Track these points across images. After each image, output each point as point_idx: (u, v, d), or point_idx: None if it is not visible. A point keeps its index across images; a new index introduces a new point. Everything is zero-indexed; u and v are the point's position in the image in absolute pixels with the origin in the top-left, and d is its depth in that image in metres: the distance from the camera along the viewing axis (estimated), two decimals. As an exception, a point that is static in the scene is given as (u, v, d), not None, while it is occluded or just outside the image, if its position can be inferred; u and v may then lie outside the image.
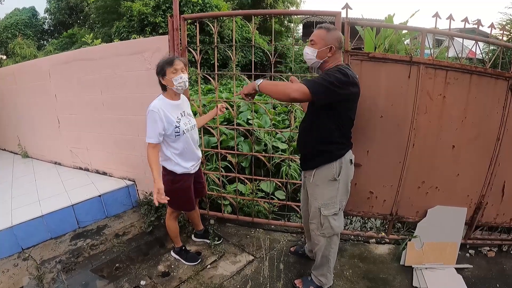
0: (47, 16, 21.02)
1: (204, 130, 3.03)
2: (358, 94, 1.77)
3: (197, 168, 2.31)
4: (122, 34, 11.57)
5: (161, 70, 2.01)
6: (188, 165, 2.19)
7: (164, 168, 2.19)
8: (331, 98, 1.64)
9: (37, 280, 2.28)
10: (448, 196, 2.36)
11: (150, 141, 2.01)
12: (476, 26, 2.22)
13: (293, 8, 18.57)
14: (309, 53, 1.80)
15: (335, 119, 1.77)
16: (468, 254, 2.53)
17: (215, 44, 2.54)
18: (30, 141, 4.66)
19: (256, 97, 1.99)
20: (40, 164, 4.37)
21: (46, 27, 20.98)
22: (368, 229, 2.90)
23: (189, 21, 2.64)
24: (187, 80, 2.07)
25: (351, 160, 1.89)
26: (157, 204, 2.02)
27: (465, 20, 2.21)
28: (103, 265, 2.47)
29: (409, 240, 2.40)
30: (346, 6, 2.13)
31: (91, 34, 4.77)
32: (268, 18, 2.38)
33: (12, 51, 13.39)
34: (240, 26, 14.08)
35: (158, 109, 1.98)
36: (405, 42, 6.63)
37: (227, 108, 2.63)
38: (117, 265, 2.46)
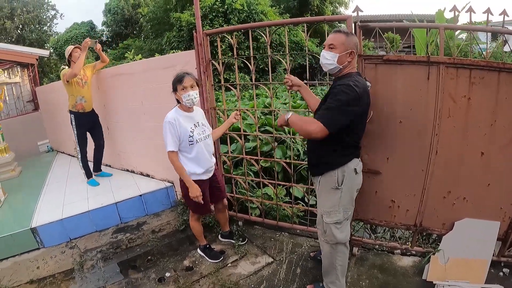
0: (105, 29, 22.57)
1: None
2: (368, 105, 1.75)
3: (210, 174, 2.44)
4: (173, 44, 12.26)
5: (173, 87, 2.23)
6: (200, 172, 2.33)
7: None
8: (345, 122, 1.68)
9: (78, 265, 2.65)
10: (478, 208, 2.13)
11: (170, 149, 2.19)
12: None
13: (341, 9, 18.43)
14: (329, 58, 1.72)
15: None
16: (501, 273, 2.26)
17: (235, 56, 2.68)
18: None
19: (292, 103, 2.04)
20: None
21: (104, 39, 22.49)
22: (397, 238, 2.74)
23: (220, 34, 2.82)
24: (196, 96, 2.24)
25: (355, 169, 1.84)
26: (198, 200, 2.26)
27: (504, 12, 2.00)
28: (137, 256, 2.76)
29: (433, 254, 2.23)
30: (357, 9, 2.06)
31: (133, 51, 5.28)
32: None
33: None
34: (288, 30, 14.07)
35: (174, 119, 2.18)
36: (459, 37, 6.03)
37: (242, 116, 2.72)
38: (149, 257, 2.73)
